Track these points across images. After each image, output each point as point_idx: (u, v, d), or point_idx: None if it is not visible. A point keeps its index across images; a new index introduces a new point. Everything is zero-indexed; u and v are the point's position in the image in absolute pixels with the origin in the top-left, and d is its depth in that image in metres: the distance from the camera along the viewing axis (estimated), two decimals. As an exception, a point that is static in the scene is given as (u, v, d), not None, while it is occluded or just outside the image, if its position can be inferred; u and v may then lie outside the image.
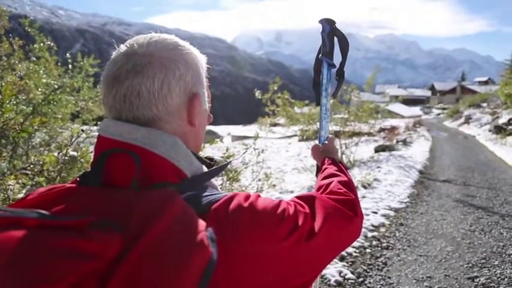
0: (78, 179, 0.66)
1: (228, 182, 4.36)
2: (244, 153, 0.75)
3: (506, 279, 4.03)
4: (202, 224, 0.54)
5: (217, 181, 0.97)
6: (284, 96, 10.60)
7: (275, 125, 17.23)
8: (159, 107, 0.67)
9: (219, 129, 48.57)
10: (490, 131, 20.49)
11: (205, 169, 0.73)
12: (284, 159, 15.36)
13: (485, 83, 66.65)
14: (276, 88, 10.17)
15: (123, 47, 0.71)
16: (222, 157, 4.29)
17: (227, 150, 4.25)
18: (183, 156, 0.67)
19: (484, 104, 32.44)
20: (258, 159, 4.16)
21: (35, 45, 5.42)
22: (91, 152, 3.26)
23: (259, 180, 4.37)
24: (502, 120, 20.41)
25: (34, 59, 5.38)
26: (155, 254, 0.47)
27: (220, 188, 0.81)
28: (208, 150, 4.47)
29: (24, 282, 0.41)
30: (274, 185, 11.42)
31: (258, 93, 10.28)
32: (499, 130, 19.09)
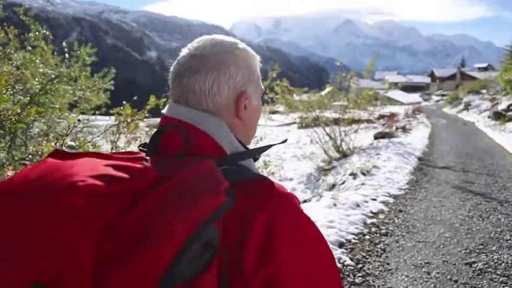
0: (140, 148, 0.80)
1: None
2: (284, 141, 0.78)
3: (503, 264, 4.06)
4: (224, 182, 0.62)
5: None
6: (283, 84, 10.58)
7: (274, 112, 17.21)
8: (209, 103, 0.78)
9: (218, 117, 48.49)
10: (489, 117, 20.49)
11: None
12: (283, 147, 15.38)
13: (485, 69, 66.34)
14: (274, 75, 10.13)
15: (186, 49, 0.84)
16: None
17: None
18: (225, 136, 0.76)
19: (484, 91, 32.33)
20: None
21: (30, 34, 5.37)
22: (89, 142, 3.25)
23: (258, 168, 4.37)
24: (502, 106, 20.39)
25: (30, 48, 5.34)
26: (176, 189, 0.58)
27: None
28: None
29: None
30: (273, 173, 11.47)
31: (255, 81, 10.26)
32: (498, 116, 19.09)
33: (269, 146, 0.85)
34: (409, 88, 65.23)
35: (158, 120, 0.89)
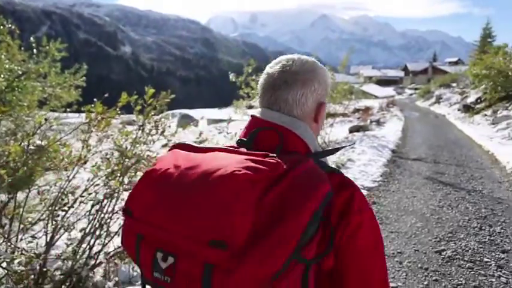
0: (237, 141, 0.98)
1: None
2: (351, 145, 0.91)
3: (470, 250, 4.22)
4: (324, 173, 0.85)
5: None
6: (259, 79, 10.58)
7: (251, 107, 17.19)
8: (298, 110, 0.99)
9: (195, 112, 48.08)
10: (459, 110, 21.10)
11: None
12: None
13: (456, 63, 68.12)
14: (250, 70, 10.11)
15: (277, 64, 1.02)
16: (195, 142, 4.26)
17: (200, 135, 4.22)
18: (310, 138, 0.98)
19: (454, 84, 33.24)
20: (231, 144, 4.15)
21: (-6, 29, 5.19)
22: (58, 141, 3.18)
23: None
24: (470, 99, 21.04)
25: (-5, 43, 5.16)
26: (299, 178, 0.79)
27: None
28: (181, 135, 4.43)
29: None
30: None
31: (232, 76, 10.20)
32: (467, 109, 19.68)
33: (340, 148, 1.11)
34: (383, 82, 66.34)
35: (132, 116, 0.96)
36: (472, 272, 3.73)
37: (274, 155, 0.81)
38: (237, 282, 0.70)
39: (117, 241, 4.29)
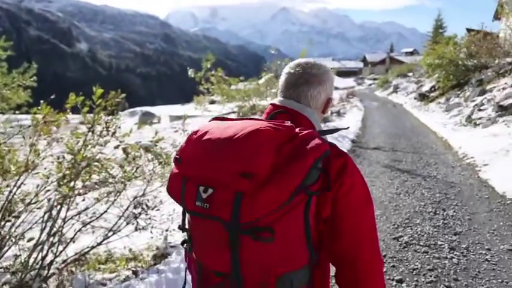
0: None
1: (159, 167, 4.25)
2: (347, 127, 1.31)
3: (425, 235, 4.38)
4: (324, 141, 1.07)
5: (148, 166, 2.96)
6: (218, 74, 10.48)
7: (213, 102, 17.05)
8: (312, 102, 1.28)
9: (157, 109, 47.15)
10: (415, 98, 21.85)
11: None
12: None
13: (411, 53, 70.42)
14: (209, 66, 10.01)
15: (298, 66, 1.30)
16: (151, 141, 4.16)
17: (156, 133, 4.12)
18: (315, 120, 1.26)
19: (410, 74, 34.38)
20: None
21: None
22: (3, 143, 3.01)
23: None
24: (425, 88, 21.83)
25: None
26: (307, 138, 1.03)
27: (153, 171, 2.92)
28: (136, 135, 4.30)
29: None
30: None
31: (190, 72, 10.06)
32: (423, 97, 20.43)
33: (338, 130, 1.35)
34: (343, 73, 67.59)
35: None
36: (427, 256, 3.88)
37: (289, 122, 1.09)
38: (259, 204, 0.97)
39: (73, 247, 4.14)
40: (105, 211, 3.97)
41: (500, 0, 19.32)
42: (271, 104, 1.31)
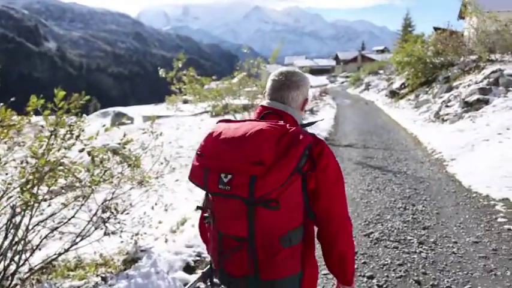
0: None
1: (128, 169, 4.16)
2: (322, 120, 2.30)
3: (395, 230, 4.47)
4: (307, 134, 1.41)
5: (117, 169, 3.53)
6: (190, 73, 10.36)
7: (186, 102, 16.85)
8: (293, 103, 1.59)
9: (129, 110, 46.34)
10: (386, 95, 22.31)
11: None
12: (197, 137, 15.18)
13: (382, 51, 71.78)
14: (180, 65, 9.88)
15: (281, 74, 1.63)
16: (120, 143, 4.07)
17: (124, 135, 4.03)
18: (297, 116, 1.59)
19: (381, 71, 35.04)
20: (156, 143, 4.00)
21: None
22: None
23: (161, 163, 4.24)
24: (396, 85, 22.32)
25: None
26: (296, 133, 1.36)
27: (121, 174, 3.47)
28: (104, 138, 4.20)
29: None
30: (186, 165, 11.25)
31: (161, 72, 9.91)
32: (393, 94, 20.87)
33: (314, 122, 1.78)
34: (316, 71, 68.16)
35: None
36: (397, 251, 3.95)
37: (282, 122, 1.43)
38: (268, 183, 1.31)
39: (40, 255, 4.00)
40: (72, 216, 3.86)
41: (464, 0, 19.96)
42: (260, 105, 1.65)
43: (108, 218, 4.03)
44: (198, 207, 1.62)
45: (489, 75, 12.44)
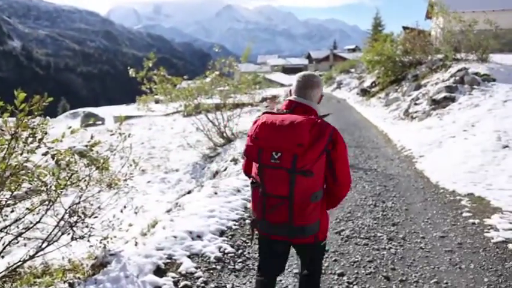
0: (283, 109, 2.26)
1: (97, 172, 4.06)
2: (331, 113, 2.88)
3: (365, 228, 4.54)
4: (328, 124, 2.12)
5: (85, 172, 3.71)
6: (160, 73, 10.22)
7: (158, 102, 16.62)
8: (314, 98, 2.26)
9: (100, 110, 45.29)
10: (358, 94, 22.66)
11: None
12: (169, 137, 15.01)
13: (353, 50, 72.82)
14: (151, 65, 9.73)
15: (305, 76, 2.32)
16: (87, 146, 3.96)
17: (92, 137, 3.93)
18: (317, 109, 2.24)
19: (353, 70, 35.51)
20: (125, 145, 3.91)
21: None
22: None
23: (130, 165, 4.15)
24: (367, 83, 22.71)
25: None
26: (322, 124, 2.09)
27: (89, 177, 3.67)
28: (70, 140, 4.08)
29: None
30: (158, 166, 11.12)
31: (131, 72, 9.73)
32: (364, 93, 21.22)
33: (327, 115, 2.26)
34: (289, 70, 68.52)
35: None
36: (367, 248, 4.02)
37: (313, 116, 2.11)
38: (305, 159, 1.99)
39: (3, 262, 3.85)
40: (38, 221, 3.74)
41: (430, 0, 20.52)
42: (288, 100, 2.28)
43: (76, 222, 3.92)
44: (252, 183, 2.21)
45: (455, 73, 12.84)
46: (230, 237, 4.21)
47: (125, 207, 4.51)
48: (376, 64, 19.86)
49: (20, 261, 3.70)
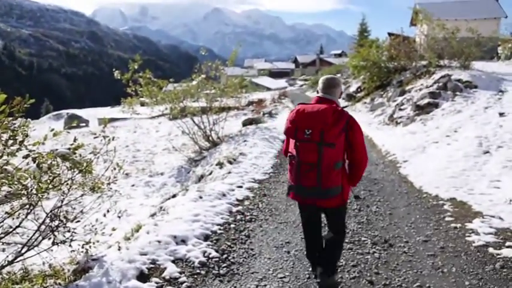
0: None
1: (79, 175, 3.98)
2: (346, 106, 3.64)
3: (350, 232, 4.55)
4: (346, 112, 2.93)
5: (67, 175, 3.69)
6: (146, 76, 10.13)
7: (143, 104, 16.49)
8: (336, 94, 3.11)
9: (84, 112, 44.70)
10: (343, 99, 22.82)
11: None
12: (154, 140, 14.90)
13: (340, 55, 73.58)
14: (136, 67, 9.64)
15: (328, 78, 3.16)
16: (70, 149, 3.89)
17: (75, 140, 3.86)
18: (337, 102, 3.06)
19: (339, 75, 35.86)
20: (109, 148, 3.85)
21: None
22: None
23: (114, 169, 4.09)
24: (352, 88, 22.92)
25: None
26: (341, 111, 2.89)
27: (72, 181, 3.67)
28: (53, 142, 4.00)
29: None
30: (143, 169, 11.01)
31: (117, 74, 9.62)
32: (350, 98, 21.41)
33: (347, 106, 5.11)
34: (276, 74, 68.90)
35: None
36: (352, 252, 4.03)
37: (334, 105, 2.95)
38: (330, 135, 2.78)
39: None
40: (18, 226, 3.66)
41: (415, 8, 20.85)
42: (317, 96, 3.05)
43: (57, 226, 3.85)
44: (290, 156, 2.97)
45: (438, 80, 13.06)
46: (215, 241, 4.19)
47: (108, 211, 4.44)
48: (362, 69, 20.09)
49: (-2, 266, 3.61)
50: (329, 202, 2.93)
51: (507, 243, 4.00)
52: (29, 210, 3.59)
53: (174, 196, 6.61)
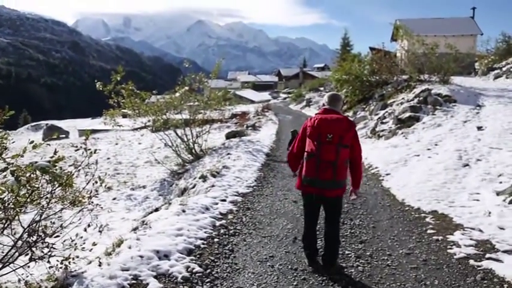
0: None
1: (60, 188, 3.88)
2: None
3: (334, 246, 4.54)
4: (352, 121, 4.18)
5: (47, 188, 3.69)
6: (128, 87, 10.04)
7: (125, 116, 16.31)
8: (339, 108, 4.08)
9: (64, 123, 43.94)
10: (325, 112, 23.05)
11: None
12: (136, 153, 14.73)
13: (322, 69, 74.61)
14: (119, 78, 9.55)
15: (332, 94, 4.17)
16: (50, 161, 3.80)
17: (55, 153, 3.78)
18: (341, 112, 4.05)
19: (322, 88, 36.30)
20: (89, 161, 3.78)
21: None
22: None
23: (96, 182, 4.01)
24: (335, 102, 23.20)
25: None
26: (350, 121, 3.96)
27: (51, 194, 3.70)
28: (29, 154, 3.91)
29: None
30: (125, 182, 10.84)
31: (99, 85, 9.51)
32: (332, 111, 21.64)
33: (348, 117, 5.29)
34: (259, 87, 69.27)
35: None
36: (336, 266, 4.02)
37: (346, 115, 5.38)
38: (346, 139, 3.74)
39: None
40: (-7, 242, 3.54)
41: (396, 24, 21.34)
42: (324, 108, 3.98)
43: (35, 241, 3.74)
44: (309, 155, 3.82)
45: (419, 94, 13.35)
46: (198, 256, 4.12)
47: (89, 225, 4.34)
48: (345, 83, 20.37)
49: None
50: (336, 191, 3.78)
51: (487, 255, 4.06)
52: (6, 225, 3.48)
53: (156, 210, 6.50)
